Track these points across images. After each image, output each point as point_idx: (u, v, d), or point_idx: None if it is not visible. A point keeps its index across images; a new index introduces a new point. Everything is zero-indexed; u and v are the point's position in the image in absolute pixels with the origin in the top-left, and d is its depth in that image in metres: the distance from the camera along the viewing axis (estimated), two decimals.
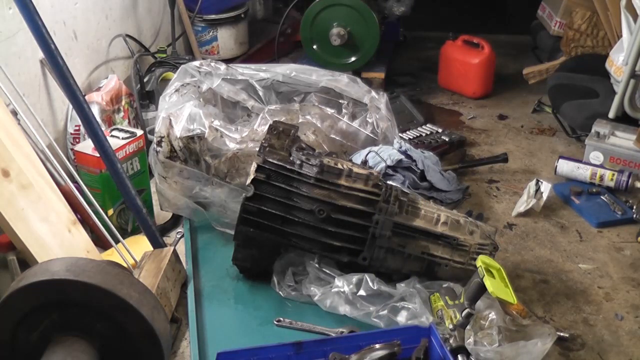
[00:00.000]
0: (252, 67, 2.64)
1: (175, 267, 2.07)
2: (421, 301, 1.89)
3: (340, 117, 2.49)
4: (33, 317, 1.57)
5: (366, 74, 3.50)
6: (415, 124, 3.20)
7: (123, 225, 2.40)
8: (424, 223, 2.02)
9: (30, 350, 1.59)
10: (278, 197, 1.97)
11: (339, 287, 1.95)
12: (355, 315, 1.93)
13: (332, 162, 2.00)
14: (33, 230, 1.86)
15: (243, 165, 2.33)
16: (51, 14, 2.43)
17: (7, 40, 2.18)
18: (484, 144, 3.14)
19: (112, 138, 2.29)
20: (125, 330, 1.58)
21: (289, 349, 1.68)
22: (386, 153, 2.39)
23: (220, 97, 2.54)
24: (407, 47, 4.27)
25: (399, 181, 2.34)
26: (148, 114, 2.84)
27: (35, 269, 1.61)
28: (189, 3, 3.45)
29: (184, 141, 2.33)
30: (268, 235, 2.00)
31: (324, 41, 3.47)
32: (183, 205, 2.35)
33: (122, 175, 2.09)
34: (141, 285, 1.66)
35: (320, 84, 2.59)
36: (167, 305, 1.93)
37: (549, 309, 2.07)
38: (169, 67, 3.00)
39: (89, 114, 2.04)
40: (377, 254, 1.99)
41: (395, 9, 3.65)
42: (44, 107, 2.44)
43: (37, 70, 2.37)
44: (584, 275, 2.22)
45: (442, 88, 3.75)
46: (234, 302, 2.09)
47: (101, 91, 2.65)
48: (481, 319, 1.83)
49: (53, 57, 1.97)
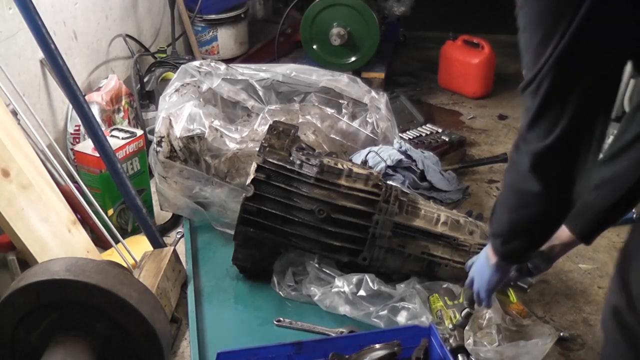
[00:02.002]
0: (252, 67, 2.65)
1: (175, 267, 2.08)
2: (421, 301, 1.89)
3: (340, 117, 2.49)
4: (33, 317, 1.57)
5: (366, 74, 3.50)
6: (415, 124, 3.20)
7: (123, 225, 2.40)
8: (424, 223, 2.02)
9: (30, 351, 1.59)
10: (278, 197, 1.97)
11: (339, 287, 1.96)
12: (355, 315, 1.93)
13: (332, 162, 2.00)
14: (33, 230, 1.86)
15: (243, 165, 2.32)
16: (51, 14, 2.43)
17: (7, 40, 2.18)
18: (484, 144, 3.14)
19: (112, 138, 2.30)
20: (125, 330, 1.58)
21: (289, 349, 1.68)
22: (386, 153, 2.39)
23: (220, 97, 2.54)
24: (407, 47, 4.27)
25: (399, 181, 2.34)
26: (148, 114, 2.84)
27: (35, 269, 1.61)
28: (189, 3, 3.46)
29: (184, 141, 2.33)
30: (268, 235, 2.00)
31: (324, 41, 3.47)
32: (183, 205, 2.35)
33: (122, 175, 2.09)
34: (141, 285, 1.66)
35: (320, 84, 2.59)
36: (167, 305, 1.93)
37: (549, 309, 2.07)
38: (169, 67, 3.00)
39: (89, 114, 2.04)
40: (377, 254, 1.99)
41: (395, 9, 3.65)
42: (44, 107, 2.44)
43: (37, 70, 2.37)
44: (584, 275, 2.22)
45: (442, 88, 3.76)
46: (234, 302, 2.09)
47: (101, 91, 2.65)
48: (479, 318, 1.83)
49: (53, 57, 1.97)
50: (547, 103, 1.09)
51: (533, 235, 1.31)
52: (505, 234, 1.34)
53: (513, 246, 1.35)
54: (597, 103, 1.08)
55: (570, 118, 1.07)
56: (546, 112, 1.09)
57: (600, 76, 1.06)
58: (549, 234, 1.34)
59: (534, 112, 1.11)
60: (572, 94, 1.06)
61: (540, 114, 1.10)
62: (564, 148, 1.10)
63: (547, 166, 1.13)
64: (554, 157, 1.12)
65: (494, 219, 1.37)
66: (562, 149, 1.10)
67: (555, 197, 1.18)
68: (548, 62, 1.05)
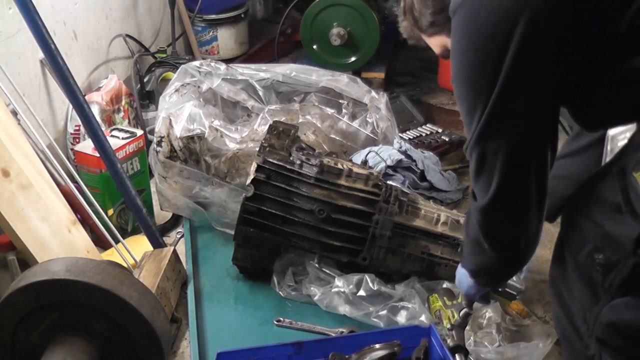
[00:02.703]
0: (252, 67, 2.65)
1: (175, 267, 2.07)
2: (420, 301, 1.89)
3: (340, 117, 2.49)
4: (33, 317, 1.57)
5: (366, 74, 3.50)
6: (415, 124, 3.20)
7: (123, 225, 2.40)
8: (424, 223, 2.02)
9: (30, 350, 1.59)
10: (278, 197, 1.97)
11: (339, 287, 1.96)
12: (355, 315, 1.93)
13: (332, 162, 2.00)
14: (33, 230, 1.86)
15: (243, 165, 2.33)
16: (51, 14, 2.43)
17: (7, 40, 2.18)
18: None
19: (112, 138, 2.29)
20: (125, 330, 1.58)
21: (289, 349, 1.68)
22: (386, 153, 2.39)
23: (220, 97, 2.54)
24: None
25: (399, 181, 2.34)
26: (148, 114, 2.84)
27: (35, 269, 1.61)
28: (189, 3, 3.46)
29: (184, 141, 2.33)
30: (268, 235, 2.00)
31: (324, 41, 3.47)
32: (183, 205, 2.35)
33: (122, 175, 2.09)
34: (141, 285, 1.66)
35: (320, 84, 2.59)
36: (167, 305, 1.93)
37: (549, 309, 2.06)
38: (169, 67, 3.01)
39: (89, 114, 2.04)
40: (377, 254, 1.99)
41: (396, 9, 3.65)
42: (44, 107, 2.44)
43: (37, 70, 2.37)
44: None
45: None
46: (234, 302, 2.09)
47: (101, 91, 2.65)
48: (479, 318, 1.83)
49: (53, 57, 1.97)
50: (479, 168, 1.19)
51: (495, 276, 1.45)
52: (472, 270, 1.46)
53: (481, 280, 1.48)
54: (524, 167, 1.16)
55: (499, 182, 1.17)
56: (481, 173, 1.19)
57: (524, 143, 1.14)
58: (509, 275, 1.53)
59: (473, 171, 1.21)
60: (497, 161, 1.15)
61: (478, 175, 1.20)
62: (501, 204, 1.20)
63: (490, 221, 1.25)
64: (495, 212, 1.22)
65: (463, 251, 1.48)
66: (499, 204, 1.20)
67: (503, 249, 1.29)
68: (473, 136, 1.15)
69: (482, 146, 1.15)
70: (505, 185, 1.17)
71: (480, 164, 1.18)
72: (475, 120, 1.13)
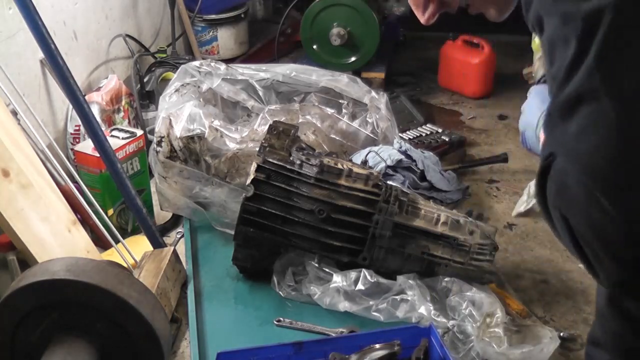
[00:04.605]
0: (252, 67, 2.64)
1: (175, 267, 2.07)
2: (419, 292, 1.89)
3: (340, 117, 2.49)
4: (33, 317, 1.57)
5: (366, 74, 3.50)
6: (415, 124, 3.19)
7: (123, 225, 2.40)
8: (424, 223, 2.02)
9: (30, 350, 1.59)
10: (278, 197, 1.97)
11: (337, 283, 1.95)
12: (354, 309, 1.93)
13: (332, 162, 2.00)
14: (33, 230, 1.86)
15: (243, 165, 2.33)
16: (51, 14, 2.43)
17: (7, 40, 2.18)
18: (484, 144, 3.14)
19: (112, 138, 2.29)
20: (125, 330, 1.58)
21: (289, 349, 1.68)
22: (386, 153, 2.39)
23: (220, 97, 2.54)
24: (407, 47, 4.26)
25: (399, 181, 2.34)
26: (148, 114, 2.84)
27: (35, 269, 1.61)
28: (189, 3, 3.46)
29: (184, 141, 2.33)
30: (268, 235, 2.00)
31: (324, 41, 3.47)
32: (183, 205, 2.35)
33: (122, 175, 2.09)
34: (141, 285, 1.66)
35: (320, 84, 2.59)
36: (167, 305, 1.93)
37: (549, 309, 2.07)
38: (169, 67, 3.00)
39: (89, 114, 2.04)
40: (377, 254, 1.99)
41: (395, 9, 3.65)
42: (44, 107, 2.44)
43: (37, 70, 2.37)
44: (584, 275, 2.22)
45: (442, 88, 3.75)
46: (234, 302, 2.09)
47: (101, 91, 2.65)
48: (488, 316, 1.82)
49: (53, 57, 1.97)
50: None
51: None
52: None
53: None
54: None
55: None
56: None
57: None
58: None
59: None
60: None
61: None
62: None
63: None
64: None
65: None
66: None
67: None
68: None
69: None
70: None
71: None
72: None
